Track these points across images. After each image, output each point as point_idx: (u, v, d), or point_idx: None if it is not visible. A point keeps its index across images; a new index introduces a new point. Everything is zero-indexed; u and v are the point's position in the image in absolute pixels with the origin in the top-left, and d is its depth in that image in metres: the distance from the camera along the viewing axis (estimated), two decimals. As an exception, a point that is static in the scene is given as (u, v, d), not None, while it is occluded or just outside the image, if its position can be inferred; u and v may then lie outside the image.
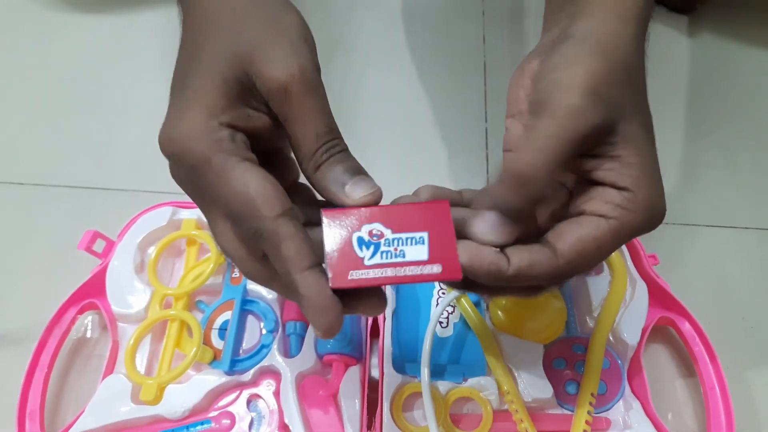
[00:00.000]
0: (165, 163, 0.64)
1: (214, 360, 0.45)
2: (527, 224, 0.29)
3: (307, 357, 0.44)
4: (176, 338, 0.45)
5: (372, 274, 0.28)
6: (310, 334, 0.45)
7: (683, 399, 0.48)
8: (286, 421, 0.42)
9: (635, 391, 0.45)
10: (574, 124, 0.27)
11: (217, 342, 0.46)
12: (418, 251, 0.28)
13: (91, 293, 0.47)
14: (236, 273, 0.48)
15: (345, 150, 0.28)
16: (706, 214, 0.58)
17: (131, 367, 0.43)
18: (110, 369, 0.44)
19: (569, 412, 0.44)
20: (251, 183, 0.25)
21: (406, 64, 0.69)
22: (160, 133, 0.27)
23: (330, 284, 0.27)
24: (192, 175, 0.27)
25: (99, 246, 0.48)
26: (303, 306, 0.26)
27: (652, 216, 0.29)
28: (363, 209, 0.28)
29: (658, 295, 0.48)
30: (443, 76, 0.68)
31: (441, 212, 0.29)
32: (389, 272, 0.28)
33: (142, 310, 0.46)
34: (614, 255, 0.49)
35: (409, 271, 0.28)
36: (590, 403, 0.43)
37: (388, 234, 0.28)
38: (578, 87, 0.27)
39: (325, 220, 0.28)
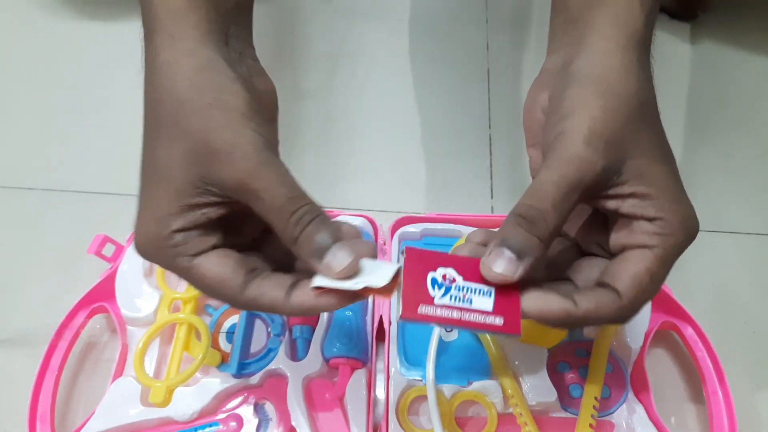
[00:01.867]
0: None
1: (222, 363, 0.45)
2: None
3: (313, 360, 0.45)
4: (185, 341, 0.45)
5: (439, 312, 0.30)
6: (317, 337, 0.45)
7: (686, 403, 0.48)
8: (293, 423, 0.42)
9: (638, 395, 0.45)
10: (575, 170, 0.28)
11: (224, 345, 0.46)
12: (484, 302, 0.31)
13: (101, 297, 0.47)
14: (243, 277, 0.48)
15: (316, 217, 0.28)
16: (708, 220, 0.58)
17: (140, 370, 0.43)
18: (119, 372, 0.45)
19: (573, 416, 0.44)
20: (207, 274, 0.29)
21: (409, 70, 0.69)
22: (134, 240, 0.30)
23: (400, 314, 0.29)
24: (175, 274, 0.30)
25: (108, 250, 0.49)
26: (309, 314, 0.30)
27: (688, 233, 0.30)
28: (442, 254, 0.32)
29: (661, 300, 0.48)
30: (447, 83, 0.68)
31: None
32: (455, 314, 0.30)
33: (150, 313, 0.46)
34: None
35: (473, 317, 0.30)
36: (594, 407, 0.43)
37: (460, 281, 0.31)
38: (580, 135, 0.29)
39: (405, 255, 0.31)
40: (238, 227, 0.31)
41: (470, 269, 0.31)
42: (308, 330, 0.46)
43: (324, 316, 0.45)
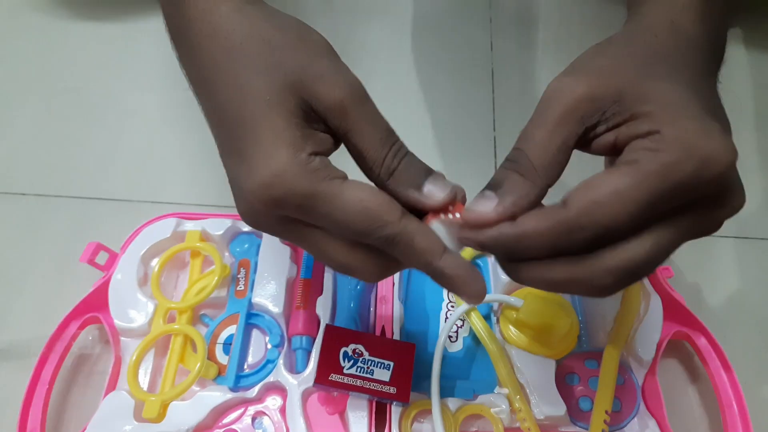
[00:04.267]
0: (169, 173, 0.63)
1: (219, 376, 0.44)
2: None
3: (313, 373, 0.43)
4: (180, 353, 0.44)
5: (346, 380, 0.39)
6: (317, 349, 0.44)
7: (699, 416, 0.47)
8: (293, 439, 0.41)
9: (650, 408, 0.44)
10: (556, 104, 0.27)
11: (221, 357, 0.45)
12: (383, 374, 0.40)
13: (94, 307, 0.46)
14: (241, 286, 0.47)
15: (409, 152, 0.28)
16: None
17: (134, 384, 0.42)
18: (112, 385, 0.43)
19: (583, 430, 0.43)
20: (365, 199, 0.26)
21: (411, 71, 0.68)
22: (249, 184, 0.26)
23: (314, 380, 0.40)
24: (301, 211, 0.27)
25: (102, 258, 0.47)
26: (450, 284, 0.27)
27: (691, 153, 0.23)
28: (355, 332, 0.42)
29: (673, 309, 0.47)
30: (451, 84, 0.67)
31: (409, 351, 0.41)
32: (358, 382, 0.39)
33: (145, 324, 0.45)
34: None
35: (372, 386, 0.40)
36: (604, 421, 0.41)
37: (366, 355, 0.40)
38: (568, 71, 0.28)
39: (324, 332, 0.41)
40: None
41: (376, 346, 0.41)
42: (308, 341, 0.45)
43: (323, 328, 0.43)
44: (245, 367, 0.45)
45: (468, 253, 0.47)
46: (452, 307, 0.48)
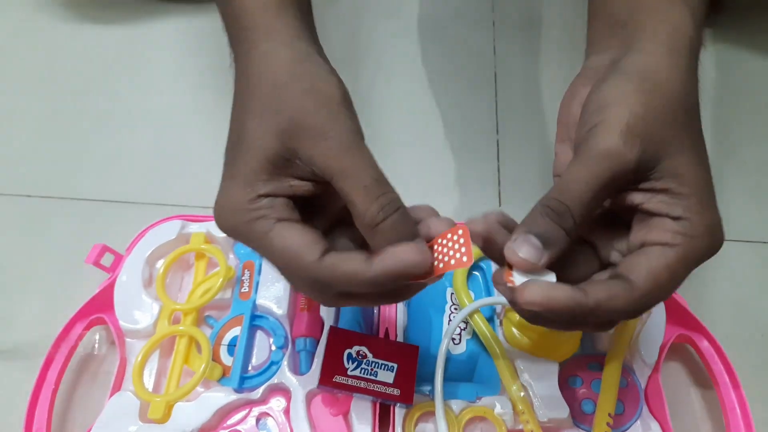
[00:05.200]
0: (175, 176, 0.63)
1: (223, 377, 0.44)
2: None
3: (317, 374, 0.43)
4: (185, 354, 0.44)
5: (350, 381, 0.40)
6: (320, 351, 0.44)
7: (702, 419, 0.47)
8: (297, 440, 0.41)
9: (653, 411, 0.44)
10: (607, 167, 0.28)
11: (225, 358, 0.45)
12: (387, 376, 0.40)
13: (99, 308, 0.46)
14: (245, 288, 0.47)
15: (399, 209, 0.28)
16: (724, 228, 0.57)
17: (139, 384, 0.42)
18: (118, 386, 0.44)
19: (586, 433, 0.43)
20: (287, 239, 0.28)
21: (415, 74, 0.68)
22: (213, 210, 0.30)
23: (318, 381, 0.40)
24: (245, 243, 0.30)
25: (107, 260, 0.48)
26: (401, 276, 0.28)
27: (713, 242, 0.29)
28: (359, 334, 0.42)
29: (676, 312, 0.47)
30: (454, 87, 0.67)
31: (412, 353, 0.42)
32: (362, 384, 0.40)
33: (150, 325, 0.45)
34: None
35: (376, 387, 0.40)
36: (607, 424, 0.42)
37: (370, 357, 0.41)
38: (616, 128, 0.28)
39: (329, 334, 0.41)
40: (312, 218, 0.31)
41: (380, 348, 0.41)
42: (311, 342, 0.45)
43: (326, 330, 0.44)
44: (249, 368, 0.45)
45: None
46: (455, 309, 0.48)
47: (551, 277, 0.28)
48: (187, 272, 0.50)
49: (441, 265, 0.28)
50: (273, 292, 0.47)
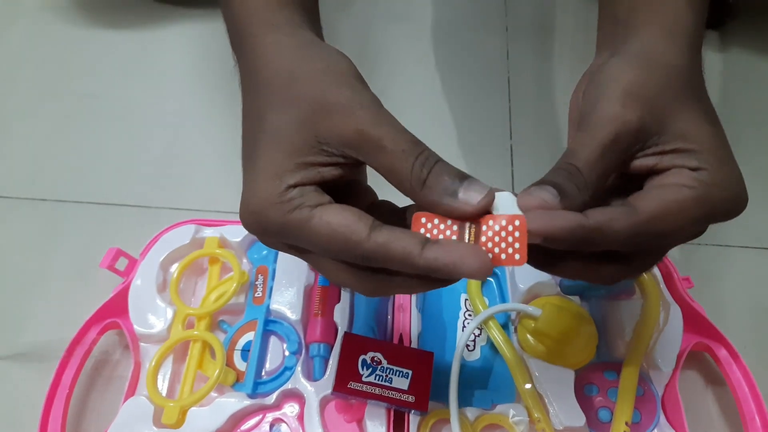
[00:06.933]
0: (189, 180, 0.63)
1: (237, 382, 0.44)
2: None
3: (331, 380, 0.43)
4: (198, 359, 0.44)
5: (365, 388, 0.40)
6: (334, 356, 0.44)
7: (720, 428, 0.46)
8: (310, 446, 0.41)
9: (671, 420, 0.43)
10: (610, 130, 0.27)
11: (239, 363, 0.45)
12: (402, 382, 0.40)
13: (114, 312, 0.46)
14: (259, 293, 0.47)
15: (440, 159, 0.28)
16: (740, 235, 0.56)
17: (153, 389, 0.42)
18: (132, 390, 0.44)
19: (602, 441, 0.42)
20: (332, 221, 0.27)
21: (429, 78, 0.68)
22: (240, 210, 0.29)
23: (332, 387, 0.40)
24: (282, 238, 0.29)
25: (121, 264, 0.48)
26: (446, 273, 0.26)
27: (734, 196, 0.28)
28: (374, 340, 0.42)
29: (693, 320, 0.46)
30: (467, 91, 0.67)
31: (427, 359, 0.41)
32: (377, 390, 0.40)
33: (164, 330, 0.45)
34: (646, 276, 0.47)
35: (391, 394, 0.40)
36: (624, 433, 0.41)
37: (385, 363, 0.40)
38: (615, 97, 0.28)
39: (343, 340, 0.41)
40: (345, 200, 0.30)
41: (395, 354, 0.41)
42: (325, 348, 0.45)
43: (340, 335, 0.43)
44: (263, 373, 0.45)
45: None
46: (470, 316, 0.48)
47: None
48: (201, 277, 0.50)
49: (490, 255, 0.25)
50: (287, 297, 0.46)
